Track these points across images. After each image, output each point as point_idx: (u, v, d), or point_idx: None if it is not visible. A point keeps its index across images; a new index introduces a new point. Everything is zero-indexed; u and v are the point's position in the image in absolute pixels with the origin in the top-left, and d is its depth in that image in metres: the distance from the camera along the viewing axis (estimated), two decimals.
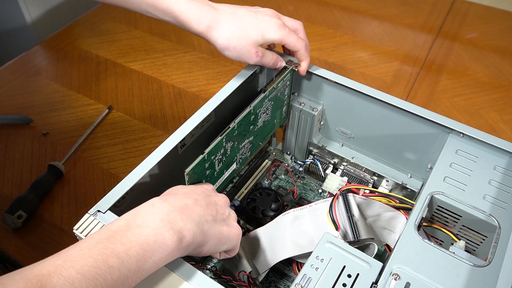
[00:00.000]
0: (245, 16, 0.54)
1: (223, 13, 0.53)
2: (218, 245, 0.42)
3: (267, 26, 0.54)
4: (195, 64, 0.96)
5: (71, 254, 0.32)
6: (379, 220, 0.54)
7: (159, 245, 0.36)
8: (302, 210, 0.54)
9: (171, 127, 0.82)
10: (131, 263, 0.34)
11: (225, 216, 0.45)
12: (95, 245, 0.33)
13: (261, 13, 0.55)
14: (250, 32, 0.53)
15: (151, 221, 0.37)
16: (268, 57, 0.56)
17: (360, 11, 1.12)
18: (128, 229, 0.35)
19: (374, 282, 0.40)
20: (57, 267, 0.31)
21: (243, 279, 0.49)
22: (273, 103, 0.60)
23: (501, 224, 0.45)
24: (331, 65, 0.94)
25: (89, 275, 0.31)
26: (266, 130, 0.62)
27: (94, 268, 0.32)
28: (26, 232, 0.65)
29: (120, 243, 0.34)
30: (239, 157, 0.58)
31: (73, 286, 0.30)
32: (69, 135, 0.79)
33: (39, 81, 0.92)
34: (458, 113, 0.85)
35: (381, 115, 0.58)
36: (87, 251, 0.33)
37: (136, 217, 0.37)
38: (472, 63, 0.97)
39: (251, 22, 0.53)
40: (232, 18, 0.53)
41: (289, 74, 0.59)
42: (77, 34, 1.06)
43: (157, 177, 0.49)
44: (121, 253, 0.33)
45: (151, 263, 0.35)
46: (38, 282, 0.29)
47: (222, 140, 0.51)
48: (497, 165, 0.50)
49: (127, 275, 0.33)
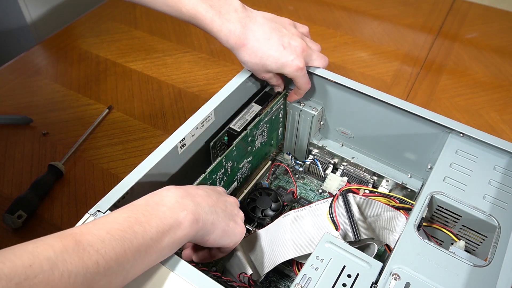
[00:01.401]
0: (271, 50, 0.55)
1: (252, 39, 0.55)
2: (223, 237, 0.44)
3: (288, 64, 0.56)
4: (195, 64, 0.96)
5: (99, 221, 0.36)
6: (379, 220, 0.54)
7: (175, 221, 0.39)
8: (302, 211, 0.54)
9: (171, 127, 0.82)
10: (153, 233, 0.37)
11: (234, 214, 0.47)
12: (120, 214, 0.37)
13: (291, 47, 0.56)
14: (269, 63, 0.56)
15: (168, 201, 0.40)
16: (273, 81, 0.60)
17: (360, 11, 1.12)
18: (147, 205, 0.39)
19: (374, 282, 0.40)
20: (88, 228, 0.35)
21: (244, 281, 0.49)
22: (269, 126, 0.63)
23: (501, 224, 0.45)
24: (331, 65, 0.94)
25: (118, 236, 0.35)
26: (263, 151, 0.66)
27: (121, 231, 0.35)
28: (26, 232, 0.65)
29: (142, 214, 0.38)
30: (239, 176, 0.62)
31: (103, 243, 0.34)
32: (69, 135, 0.79)
33: (39, 81, 0.92)
34: (458, 113, 0.85)
35: (381, 115, 0.57)
36: (113, 219, 0.37)
37: (153, 197, 0.40)
38: (472, 63, 0.97)
39: (275, 54, 0.55)
40: (258, 48, 0.55)
41: (282, 98, 0.63)
42: (77, 34, 1.06)
43: (157, 177, 0.49)
44: (144, 222, 0.37)
45: (169, 238, 0.38)
46: (73, 238, 0.33)
47: (222, 160, 0.54)
48: (497, 165, 0.50)
49: (149, 243, 0.37)
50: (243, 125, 0.57)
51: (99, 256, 0.33)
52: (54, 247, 0.32)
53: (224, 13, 0.54)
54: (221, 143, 0.57)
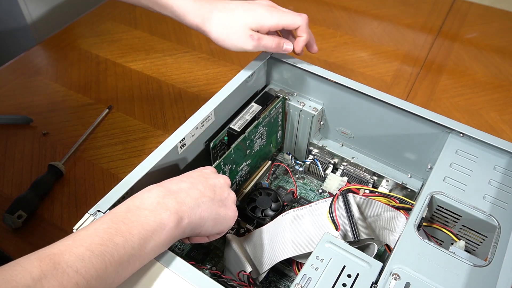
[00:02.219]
0: (238, 6, 0.56)
1: (217, 5, 0.56)
2: (215, 226, 0.44)
3: (260, 12, 0.55)
4: (195, 64, 0.96)
5: (79, 235, 0.35)
6: (379, 220, 0.54)
7: (158, 224, 0.38)
8: (302, 210, 0.54)
9: (171, 127, 0.81)
10: (134, 241, 0.36)
11: (224, 197, 0.46)
12: (100, 226, 0.36)
13: (254, 3, 0.57)
14: (242, 18, 0.55)
15: (149, 203, 0.39)
16: (268, 39, 0.56)
17: (360, 11, 1.12)
18: (128, 211, 0.38)
19: (374, 282, 0.40)
20: (67, 246, 0.34)
21: (243, 279, 0.49)
22: (267, 129, 0.63)
23: (501, 224, 0.45)
24: (331, 65, 0.94)
25: (97, 252, 0.34)
26: (262, 153, 0.66)
27: (101, 245, 0.34)
28: (26, 232, 0.65)
29: (122, 223, 0.37)
30: (238, 179, 0.62)
31: (83, 262, 0.33)
32: (69, 135, 0.79)
33: (39, 81, 0.92)
34: (458, 113, 0.85)
35: (381, 115, 0.57)
36: (93, 232, 0.36)
37: (134, 201, 0.40)
38: (472, 63, 0.97)
39: (243, 9, 0.55)
40: (224, 9, 0.55)
41: (281, 102, 0.63)
42: (77, 34, 1.06)
43: (157, 177, 0.49)
44: (125, 232, 0.36)
45: (153, 243, 0.38)
46: (51, 260, 0.32)
47: (220, 163, 0.54)
48: (497, 165, 0.50)
49: (131, 253, 0.36)
50: (243, 125, 0.57)
51: (79, 277, 0.32)
52: (32, 273, 0.31)
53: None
54: (221, 143, 0.57)
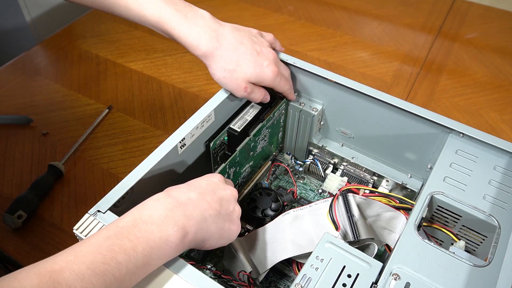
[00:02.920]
0: (246, 55, 0.54)
1: (225, 43, 0.53)
2: (219, 240, 0.44)
3: (264, 72, 0.55)
4: (195, 64, 0.96)
5: (81, 250, 0.34)
6: (379, 220, 0.54)
7: (164, 241, 0.37)
8: (302, 210, 0.54)
9: (171, 127, 0.81)
10: (138, 259, 0.35)
11: (229, 211, 0.45)
12: (104, 241, 0.35)
13: (263, 56, 0.55)
14: (245, 69, 0.53)
15: (157, 217, 0.38)
16: (257, 94, 0.57)
17: (360, 11, 1.12)
18: (134, 225, 0.37)
19: (374, 282, 0.40)
20: (68, 263, 0.32)
21: (243, 279, 0.49)
22: (270, 130, 0.64)
23: (501, 224, 0.45)
24: (331, 65, 0.94)
25: (99, 271, 0.33)
26: (264, 154, 0.66)
27: (103, 264, 0.33)
28: (26, 232, 0.65)
29: (128, 239, 0.35)
30: (240, 180, 0.63)
31: (83, 281, 0.32)
32: (69, 135, 0.79)
33: (39, 81, 0.92)
34: (458, 113, 0.85)
35: (381, 115, 0.57)
36: (97, 247, 0.34)
37: (142, 213, 0.38)
38: (472, 63, 0.97)
39: (249, 62, 0.54)
40: (232, 53, 0.53)
41: (284, 104, 0.63)
42: (77, 34, 1.06)
43: (157, 177, 0.49)
44: (129, 249, 0.35)
45: (156, 259, 0.37)
46: (51, 278, 0.31)
47: (226, 166, 0.55)
48: (497, 165, 0.50)
49: (134, 271, 0.35)
50: (243, 125, 0.57)
51: None
52: None
53: (191, 18, 0.52)
54: (221, 143, 0.57)
